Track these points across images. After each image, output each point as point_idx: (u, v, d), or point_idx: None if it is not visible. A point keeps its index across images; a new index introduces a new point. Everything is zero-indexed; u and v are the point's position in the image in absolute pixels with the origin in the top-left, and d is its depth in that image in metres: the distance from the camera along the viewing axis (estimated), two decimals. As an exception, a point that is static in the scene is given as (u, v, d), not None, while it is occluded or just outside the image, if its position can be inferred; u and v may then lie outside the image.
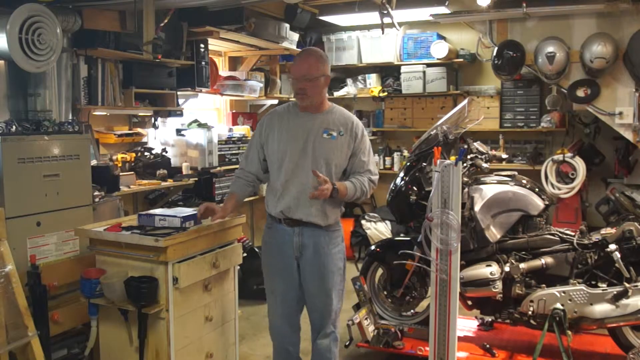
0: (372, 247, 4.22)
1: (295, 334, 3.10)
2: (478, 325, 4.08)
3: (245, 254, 3.90)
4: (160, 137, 4.99)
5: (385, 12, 3.98)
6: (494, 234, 3.57)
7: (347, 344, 3.77)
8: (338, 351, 3.08)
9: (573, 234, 3.60)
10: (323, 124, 2.89)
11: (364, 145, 2.96)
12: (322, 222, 2.88)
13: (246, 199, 5.27)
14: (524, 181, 3.76)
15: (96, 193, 3.74)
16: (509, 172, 3.83)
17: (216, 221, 3.04)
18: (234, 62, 6.22)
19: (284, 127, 2.93)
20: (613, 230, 3.50)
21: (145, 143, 4.93)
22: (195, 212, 3.01)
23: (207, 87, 5.18)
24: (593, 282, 3.46)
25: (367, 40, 6.54)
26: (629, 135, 4.85)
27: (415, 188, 3.72)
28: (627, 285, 3.32)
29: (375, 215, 6.29)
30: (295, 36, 5.83)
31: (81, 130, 3.62)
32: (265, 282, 3.07)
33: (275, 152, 2.92)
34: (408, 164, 3.88)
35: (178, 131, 5.05)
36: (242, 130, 5.66)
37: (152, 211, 3.09)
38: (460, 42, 6.39)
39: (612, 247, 3.37)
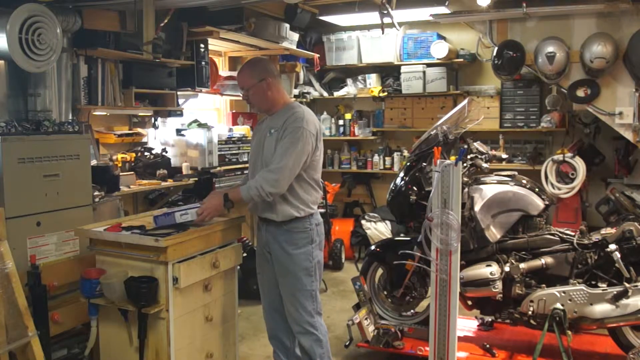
0: (372, 247, 4.22)
1: (287, 325, 3.12)
2: (478, 325, 4.08)
3: (245, 254, 3.91)
4: (160, 137, 4.99)
5: (385, 12, 3.98)
6: (494, 234, 3.57)
7: (347, 344, 3.77)
8: (326, 351, 3.06)
9: (573, 234, 3.60)
10: (270, 125, 3.03)
11: (287, 138, 2.87)
12: (275, 218, 2.97)
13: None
14: (524, 181, 3.76)
15: (96, 193, 3.74)
16: (509, 172, 3.83)
17: (218, 220, 3.10)
18: (234, 62, 6.21)
19: (255, 133, 3.20)
20: (613, 230, 3.50)
21: (145, 143, 4.92)
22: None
23: (207, 87, 5.17)
24: (593, 282, 3.46)
25: (367, 40, 6.54)
26: (629, 135, 4.85)
27: (415, 188, 3.72)
28: (627, 285, 3.33)
29: (375, 215, 6.29)
30: (295, 36, 5.83)
31: (81, 130, 3.62)
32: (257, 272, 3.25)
33: None
34: (408, 164, 3.88)
35: (178, 131, 5.04)
36: (242, 130, 5.65)
37: (165, 210, 3.04)
38: (460, 42, 6.39)
39: (612, 247, 3.37)
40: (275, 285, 3.10)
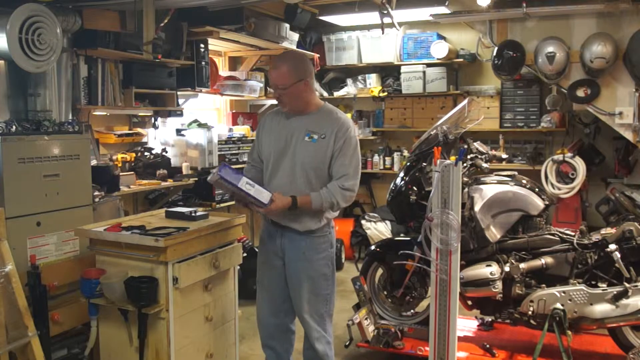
0: (372, 247, 4.21)
1: (284, 335, 3.06)
2: (478, 325, 4.08)
3: (245, 254, 3.91)
4: (160, 137, 4.99)
5: (385, 12, 3.98)
6: (494, 234, 3.57)
7: (347, 344, 3.77)
8: (333, 354, 3.05)
9: (573, 234, 3.60)
10: (306, 127, 2.84)
11: (347, 147, 2.79)
12: (298, 228, 2.84)
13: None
14: (524, 181, 3.76)
15: (96, 193, 3.74)
16: (509, 172, 3.83)
17: (218, 220, 3.08)
18: (234, 62, 6.22)
19: (273, 128, 2.93)
20: (613, 230, 3.50)
21: (145, 143, 4.93)
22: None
23: (207, 87, 5.18)
24: (593, 282, 3.46)
25: (367, 40, 6.54)
26: (629, 135, 4.85)
27: (415, 188, 3.72)
28: (627, 285, 3.33)
29: (375, 215, 6.29)
30: (295, 36, 5.83)
31: (81, 130, 3.62)
32: (257, 277, 3.11)
33: (264, 154, 2.96)
34: (408, 164, 3.88)
35: (178, 131, 5.05)
36: (242, 130, 5.66)
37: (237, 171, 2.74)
38: (460, 42, 6.39)
39: (612, 247, 3.38)
40: (279, 294, 2.98)
